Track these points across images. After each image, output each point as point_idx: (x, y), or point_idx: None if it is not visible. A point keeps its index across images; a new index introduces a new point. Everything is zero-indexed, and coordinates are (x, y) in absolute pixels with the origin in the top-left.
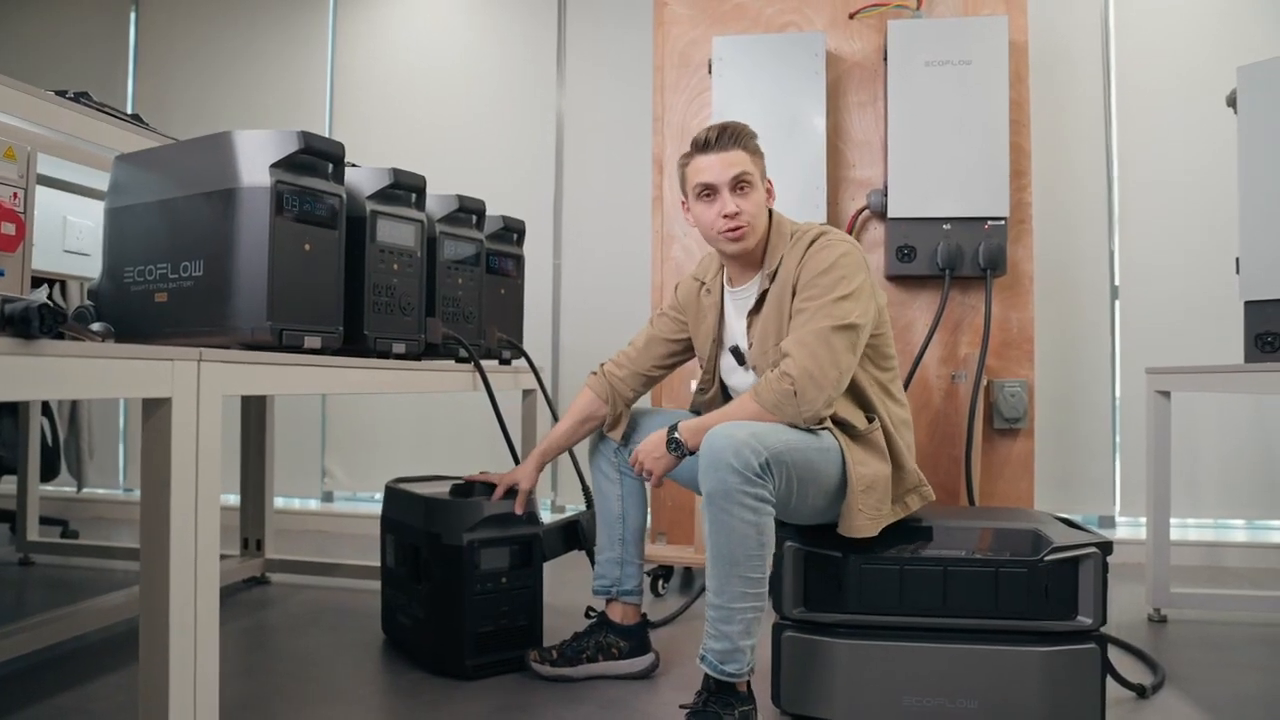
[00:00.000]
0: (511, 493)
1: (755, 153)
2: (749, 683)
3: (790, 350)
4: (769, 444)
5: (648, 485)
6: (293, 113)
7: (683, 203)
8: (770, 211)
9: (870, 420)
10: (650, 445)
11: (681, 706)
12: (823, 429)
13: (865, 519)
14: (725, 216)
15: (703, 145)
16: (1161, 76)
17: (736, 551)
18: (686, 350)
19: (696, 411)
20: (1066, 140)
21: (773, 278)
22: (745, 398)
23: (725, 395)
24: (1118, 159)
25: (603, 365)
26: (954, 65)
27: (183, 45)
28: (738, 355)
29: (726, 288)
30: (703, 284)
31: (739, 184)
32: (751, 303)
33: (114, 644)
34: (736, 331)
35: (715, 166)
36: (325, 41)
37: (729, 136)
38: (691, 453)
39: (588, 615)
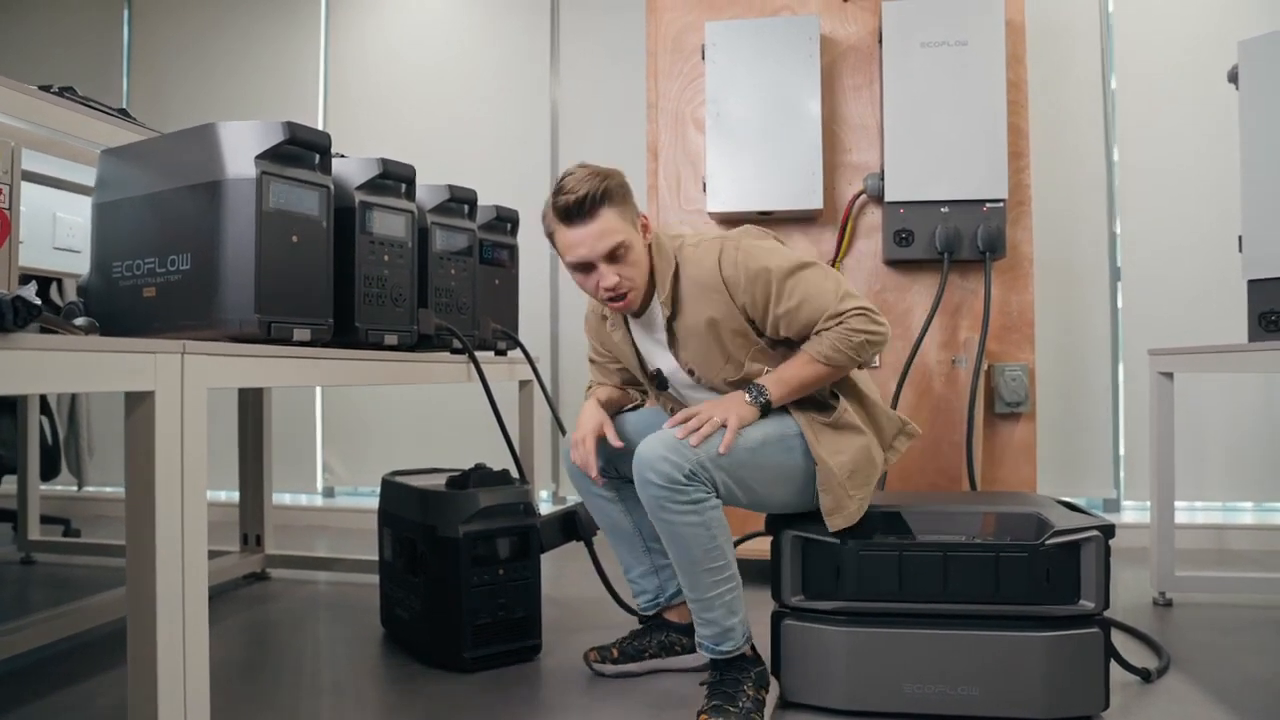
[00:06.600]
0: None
1: (623, 201)
2: (752, 644)
3: (831, 324)
4: (695, 453)
5: (715, 452)
6: (286, 106)
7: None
8: (649, 245)
9: (835, 398)
10: (723, 401)
11: (701, 683)
12: (783, 415)
13: (857, 504)
14: (605, 288)
15: (565, 216)
16: (1162, 53)
17: (694, 551)
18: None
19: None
20: (1066, 120)
21: (672, 304)
22: (806, 358)
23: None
24: (1118, 138)
25: (589, 385)
26: (950, 46)
27: (176, 41)
28: (660, 380)
29: (629, 318)
30: (604, 317)
31: (613, 256)
32: (663, 337)
33: (115, 640)
34: (655, 356)
35: (586, 242)
36: (318, 34)
37: (592, 202)
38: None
39: (642, 623)
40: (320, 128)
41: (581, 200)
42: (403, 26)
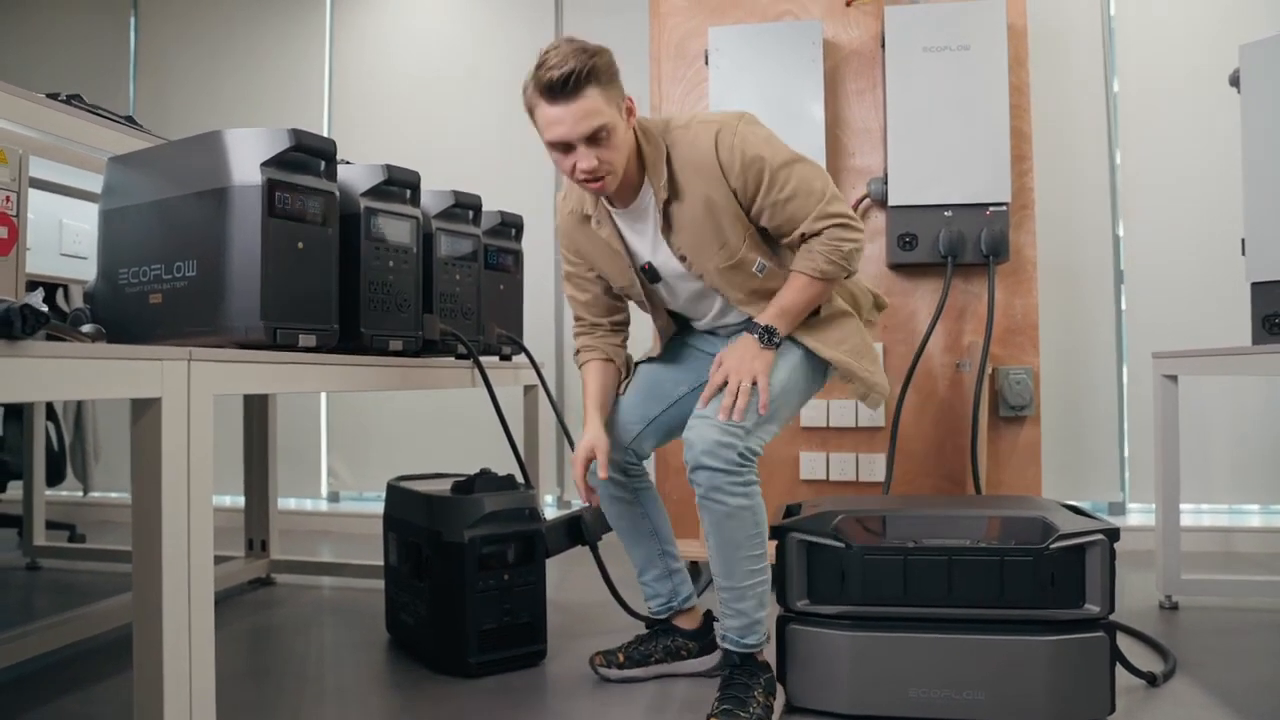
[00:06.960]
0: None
1: (609, 82)
2: (763, 650)
3: (817, 227)
4: (744, 425)
5: (755, 404)
6: (291, 113)
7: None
8: (634, 129)
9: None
10: (740, 354)
11: (713, 674)
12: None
13: (880, 376)
14: (583, 170)
15: (549, 92)
16: (1163, 57)
17: (737, 536)
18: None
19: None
20: (1068, 123)
21: (669, 188)
22: (804, 281)
23: (675, 318)
24: (1121, 141)
25: (577, 351)
26: (952, 50)
27: (182, 47)
28: (652, 273)
29: (613, 211)
30: (586, 216)
31: (594, 138)
32: (656, 222)
33: (120, 646)
34: (643, 249)
35: (566, 121)
36: (323, 40)
37: (576, 80)
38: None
39: (649, 628)
40: (325, 134)
41: (566, 77)
42: (407, 32)
